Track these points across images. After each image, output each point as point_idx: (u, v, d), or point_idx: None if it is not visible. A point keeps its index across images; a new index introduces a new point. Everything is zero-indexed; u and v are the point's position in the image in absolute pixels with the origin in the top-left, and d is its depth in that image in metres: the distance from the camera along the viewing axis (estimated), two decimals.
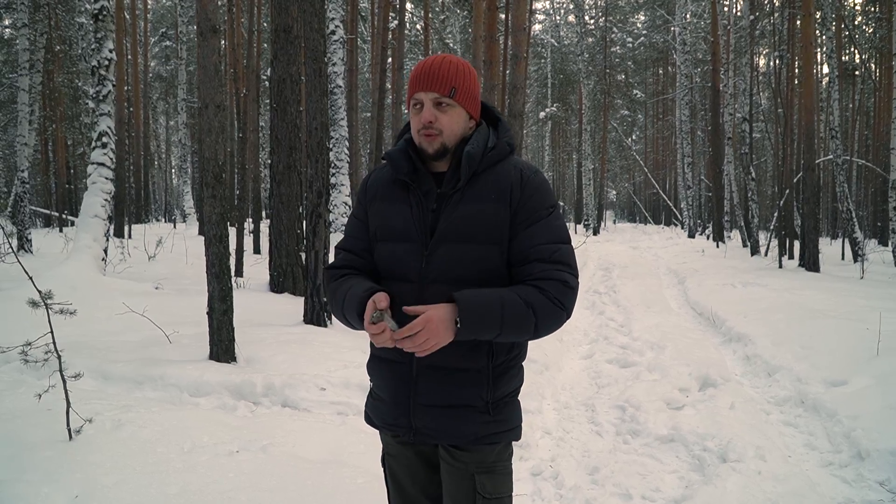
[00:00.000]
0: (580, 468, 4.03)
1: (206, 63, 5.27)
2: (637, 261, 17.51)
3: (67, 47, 24.69)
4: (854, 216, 15.83)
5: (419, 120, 1.82)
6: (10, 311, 6.00)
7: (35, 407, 3.70)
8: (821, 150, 23.05)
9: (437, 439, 1.87)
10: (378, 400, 1.97)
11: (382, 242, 1.89)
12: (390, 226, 1.87)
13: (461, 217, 1.80)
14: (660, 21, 38.50)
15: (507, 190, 1.82)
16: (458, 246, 1.80)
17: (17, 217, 14.39)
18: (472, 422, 1.84)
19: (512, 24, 10.87)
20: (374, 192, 1.94)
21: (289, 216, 9.06)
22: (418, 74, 1.82)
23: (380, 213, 1.91)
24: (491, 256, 1.80)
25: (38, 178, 28.91)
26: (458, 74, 1.82)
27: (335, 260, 2.01)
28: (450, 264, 1.80)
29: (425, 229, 1.83)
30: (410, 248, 1.83)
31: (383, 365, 1.92)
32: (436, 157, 1.83)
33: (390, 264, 1.87)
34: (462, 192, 1.82)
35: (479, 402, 1.84)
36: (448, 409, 1.84)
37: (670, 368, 5.97)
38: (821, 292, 9.70)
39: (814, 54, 15.75)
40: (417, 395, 1.85)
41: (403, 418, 1.88)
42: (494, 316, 1.69)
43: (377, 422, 1.99)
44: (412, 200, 1.86)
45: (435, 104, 1.81)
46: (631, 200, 56.34)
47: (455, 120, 1.83)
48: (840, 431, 4.42)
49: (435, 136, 1.81)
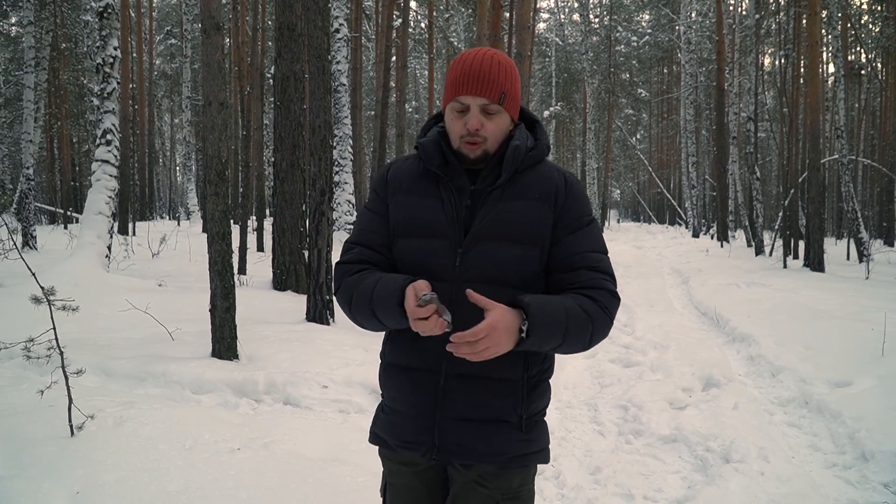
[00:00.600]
0: (582, 468, 4.02)
1: (209, 60, 5.27)
2: (641, 260, 17.48)
3: (73, 45, 24.74)
4: (859, 216, 15.79)
5: (462, 125, 1.67)
6: (13, 308, 6.00)
7: (37, 403, 3.70)
8: (826, 149, 23.00)
9: (464, 458, 1.70)
10: (395, 415, 1.78)
11: (407, 238, 1.74)
12: (418, 220, 1.72)
13: (502, 214, 1.68)
14: (665, 20, 38.44)
15: (551, 192, 1.72)
16: (496, 244, 1.67)
17: (22, 214, 14.42)
18: (505, 439, 1.70)
19: (516, 23, 10.85)
20: (398, 185, 1.79)
21: (292, 214, 9.07)
22: (465, 74, 1.65)
23: (405, 206, 1.75)
24: (530, 258, 1.69)
25: (43, 175, 29.04)
26: (507, 77, 1.67)
27: (348, 255, 1.81)
28: (488, 263, 1.67)
29: (458, 226, 1.69)
30: (442, 245, 1.69)
31: (404, 374, 1.75)
32: (476, 163, 1.70)
33: (417, 261, 1.71)
34: (502, 189, 1.71)
35: (514, 417, 1.70)
36: (480, 424, 1.69)
37: (673, 368, 5.95)
38: (825, 292, 9.67)
39: (819, 53, 15.70)
40: (445, 407, 1.69)
41: (426, 434, 1.71)
42: (560, 325, 1.57)
43: (392, 441, 1.79)
44: (443, 194, 1.72)
45: (482, 111, 1.66)
46: (635, 200, 56.28)
47: (501, 127, 1.70)
48: (844, 432, 4.40)
49: (479, 143, 1.68)
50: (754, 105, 19.80)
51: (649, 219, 47.87)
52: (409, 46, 25.49)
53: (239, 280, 9.17)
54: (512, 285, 1.66)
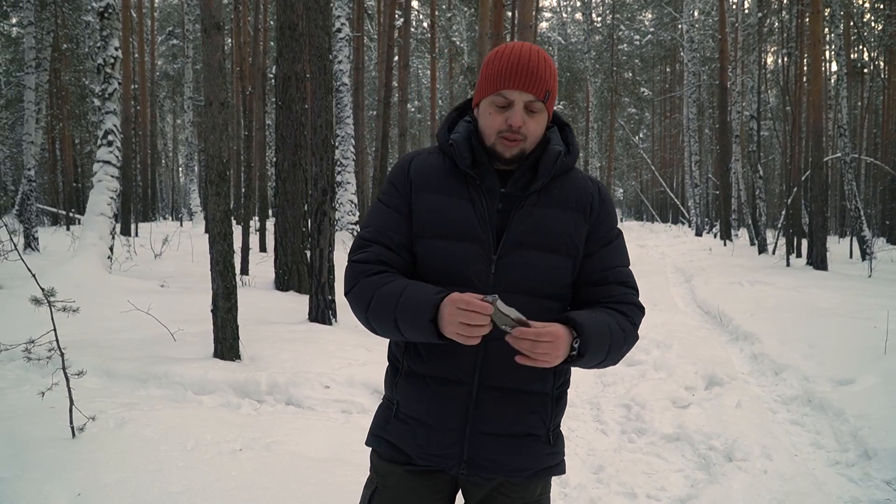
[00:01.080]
0: (585, 467, 4.00)
1: (210, 60, 5.27)
2: (644, 259, 17.45)
3: (74, 45, 24.76)
4: (862, 214, 15.75)
5: (503, 121, 1.59)
6: (15, 309, 6.01)
7: (39, 404, 3.69)
8: (829, 147, 22.94)
9: (495, 473, 1.65)
10: (418, 426, 1.66)
11: (434, 240, 1.63)
12: (449, 221, 1.62)
13: (539, 221, 1.62)
14: (667, 18, 38.36)
15: (587, 202, 1.68)
16: (532, 253, 1.61)
17: (24, 215, 14.43)
18: (535, 453, 1.66)
19: (518, 22, 10.83)
20: (423, 181, 1.66)
21: (294, 214, 9.07)
22: (512, 68, 1.57)
23: (433, 205, 1.64)
24: (564, 269, 1.64)
25: (45, 176, 29.06)
26: (552, 75, 1.60)
27: (362, 252, 1.66)
28: (525, 272, 1.60)
29: (491, 230, 1.61)
30: (475, 250, 1.60)
31: (431, 385, 1.64)
32: (511, 162, 1.62)
33: (447, 266, 1.61)
34: (538, 195, 1.64)
35: (542, 430, 1.67)
36: (512, 439, 1.64)
37: (676, 367, 5.93)
38: (828, 291, 9.65)
39: (822, 51, 15.66)
40: (477, 421, 1.62)
41: (455, 448, 1.63)
42: (605, 344, 1.55)
43: (414, 453, 1.67)
44: (474, 196, 1.63)
45: (525, 107, 1.59)
46: (638, 198, 56.20)
47: (541, 126, 1.63)
48: (847, 430, 4.39)
49: (518, 141, 1.60)
50: (757, 103, 19.76)
51: (652, 218, 47.81)
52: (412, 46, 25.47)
53: (241, 280, 9.18)
54: (547, 296, 1.62)
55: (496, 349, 1.57)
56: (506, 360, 1.53)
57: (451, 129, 1.72)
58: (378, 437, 1.75)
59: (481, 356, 1.60)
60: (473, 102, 1.72)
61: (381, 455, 1.76)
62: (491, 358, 1.60)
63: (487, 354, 1.60)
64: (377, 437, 1.75)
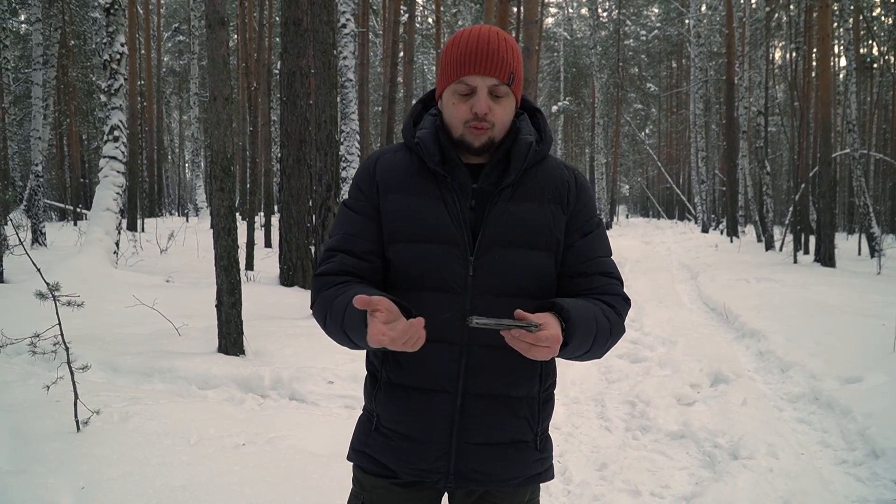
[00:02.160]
0: (588, 464, 3.99)
1: (214, 55, 5.27)
2: (649, 255, 17.41)
3: (81, 42, 24.83)
4: (871, 211, 15.65)
5: (467, 109, 1.50)
6: (22, 304, 6.01)
7: (43, 398, 3.71)
8: (837, 143, 22.84)
9: (483, 484, 1.58)
10: (402, 440, 1.58)
11: (406, 244, 1.54)
12: (421, 223, 1.53)
13: (515, 217, 1.54)
14: (674, 13, 38.24)
15: (563, 191, 1.60)
16: (511, 251, 1.53)
17: (32, 211, 14.49)
18: (524, 460, 1.60)
19: (524, 17, 10.80)
20: (390, 183, 1.58)
21: (298, 210, 9.07)
22: (471, 52, 1.48)
23: (403, 207, 1.55)
24: (546, 265, 1.57)
25: (52, 172, 29.16)
26: (515, 57, 1.51)
27: (327, 264, 1.57)
28: (504, 273, 1.53)
29: (466, 230, 1.53)
30: (451, 252, 1.52)
31: (413, 396, 1.56)
32: (480, 152, 1.54)
33: (422, 270, 1.53)
34: (512, 189, 1.56)
35: (530, 436, 1.61)
36: (501, 447, 1.57)
37: (682, 364, 5.91)
38: (836, 288, 9.60)
39: (831, 46, 15.57)
40: (464, 431, 1.54)
41: (442, 461, 1.55)
42: (591, 333, 1.47)
43: (400, 469, 1.58)
44: (445, 195, 1.54)
45: (489, 92, 1.50)
46: (644, 195, 56.06)
47: (508, 111, 1.54)
48: (854, 429, 4.36)
49: (486, 129, 1.51)
50: (765, 99, 19.67)
51: (658, 214, 47.69)
52: (417, 42, 25.46)
53: (246, 276, 9.18)
54: (530, 295, 1.54)
55: (480, 354, 1.52)
56: (491, 366, 1.49)
57: (417, 123, 1.63)
58: (359, 451, 1.65)
59: (465, 363, 1.53)
60: (437, 94, 1.62)
61: (365, 470, 1.65)
62: (475, 364, 1.52)
63: (471, 360, 1.53)
64: (359, 452, 1.65)
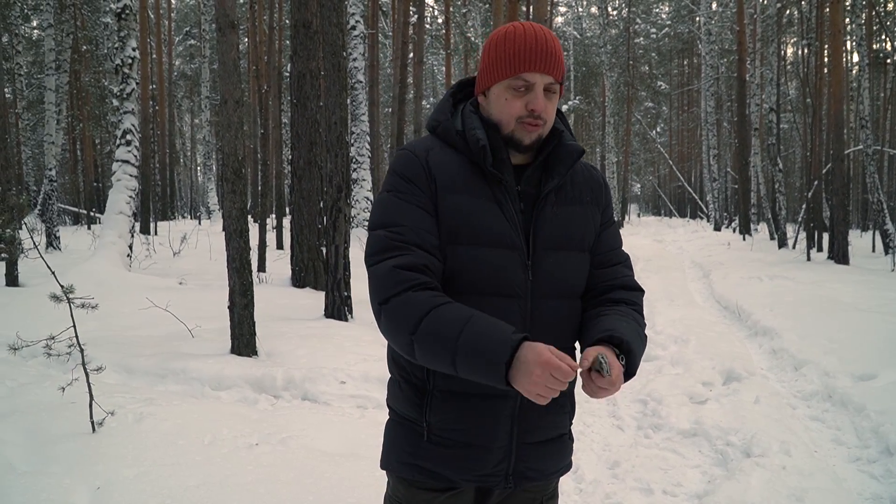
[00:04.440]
0: (600, 462, 3.99)
1: (224, 59, 5.30)
2: (661, 254, 17.34)
3: (94, 47, 25.02)
4: (885, 207, 15.52)
5: (522, 105, 1.50)
6: (37, 307, 6.09)
7: (59, 400, 3.74)
8: (850, 140, 22.66)
9: (538, 480, 1.63)
10: (462, 448, 1.54)
11: (467, 247, 1.50)
12: (480, 227, 1.50)
13: (563, 221, 1.58)
14: (684, 11, 38.05)
15: (598, 192, 1.67)
16: (564, 255, 1.57)
17: (46, 215, 14.63)
18: (566, 452, 1.69)
19: (533, 17, 10.80)
20: (448, 181, 1.52)
21: (309, 211, 9.11)
22: (530, 49, 1.48)
23: (462, 208, 1.50)
24: (587, 265, 1.64)
25: (66, 176, 29.41)
26: (562, 56, 1.55)
27: (402, 257, 1.46)
28: (561, 276, 1.56)
29: (521, 234, 1.54)
30: (510, 257, 1.51)
31: (474, 403, 1.52)
32: (528, 149, 1.55)
33: (482, 275, 1.50)
34: (555, 192, 1.59)
35: (567, 428, 1.68)
36: (552, 443, 1.63)
37: (694, 362, 5.89)
38: (850, 285, 9.53)
39: (843, 42, 15.46)
40: (523, 432, 1.56)
41: (503, 464, 1.56)
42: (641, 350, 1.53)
43: (460, 476, 1.56)
44: (499, 197, 1.53)
45: (544, 90, 1.51)
46: (655, 193, 55.82)
47: (554, 108, 1.57)
48: (868, 426, 4.33)
49: (539, 126, 1.52)
50: (776, 96, 19.55)
51: (670, 212, 47.48)
52: (426, 42, 25.48)
53: (258, 277, 9.23)
54: (576, 296, 1.62)
55: None
56: None
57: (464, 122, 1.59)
58: (410, 464, 1.57)
59: None
60: (479, 88, 1.60)
61: (413, 483, 1.59)
62: None
63: None
64: (409, 465, 1.58)
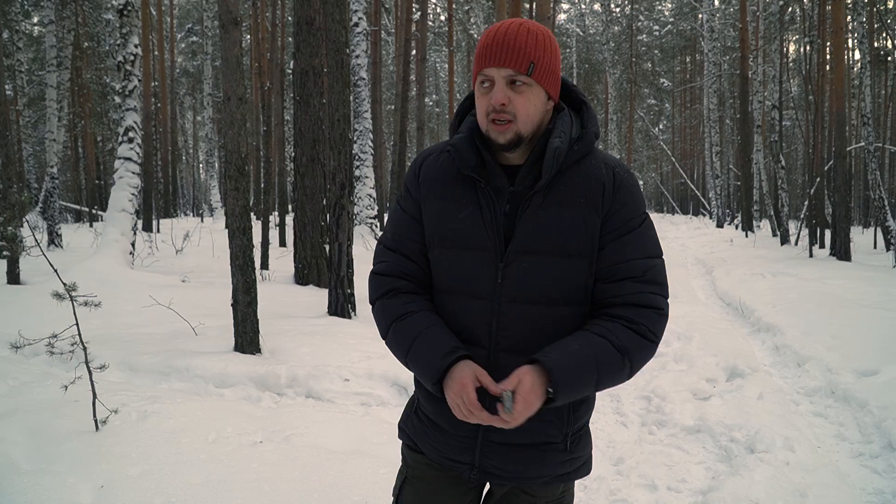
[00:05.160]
0: (605, 459, 3.99)
1: (227, 55, 5.30)
2: (664, 251, 17.31)
3: (95, 44, 25.01)
4: (887, 204, 15.49)
5: (488, 102, 1.48)
6: (39, 305, 6.09)
7: (62, 398, 3.75)
8: (852, 137, 22.62)
9: (508, 481, 1.61)
10: (435, 429, 1.64)
11: (443, 250, 1.58)
12: (455, 231, 1.55)
13: (544, 223, 1.50)
14: (687, 8, 37.99)
15: (598, 192, 1.52)
16: (541, 258, 1.50)
17: (48, 212, 14.63)
18: (550, 462, 1.59)
19: (536, 14, 10.78)
20: (431, 187, 1.60)
21: (313, 208, 9.11)
22: (488, 45, 1.48)
23: (441, 214, 1.58)
24: (578, 271, 1.52)
25: (68, 173, 29.43)
26: (537, 45, 1.47)
27: (383, 263, 1.65)
28: (532, 280, 1.51)
29: (499, 236, 1.52)
30: (482, 259, 1.53)
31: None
32: (508, 148, 1.50)
33: (456, 276, 1.56)
34: (544, 193, 1.52)
35: (559, 437, 1.58)
36: (525, 448, 1.57)
37: (697, 359, 5.88)
38: (852, 281, 9.53)
39: (845, 40, 15.42)
40: (489, 430, 1.55)
41: (467, 454, 1.60)
42: (589, 377, 1.44)
43: (430, 454, 1.66)
44: (482, 200, 1.54)
45: (508, 83, 1.47)
46: (658, 191, 55.76)
47: (532, 102, 1.49)
48: (871, 422, 4.34)
49: (508, 123, 1.48)
50: (779, 93, 19.51)
51: (673, 210, 47.43)
52: (429, 40, 25.47)
53: (261, 275, 9.24)
54: (557, 303, 1.52)
55: (504, 359, 1.53)
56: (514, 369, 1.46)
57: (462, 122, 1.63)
58: (401, 428, 1.77)
59: (492, 365, 1.53)
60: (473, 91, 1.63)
61: (407, 445, 1.76)
62: (500, 366, 1.51)
63: (497, 363, 1.53)
64: (401, 429, 1.77)
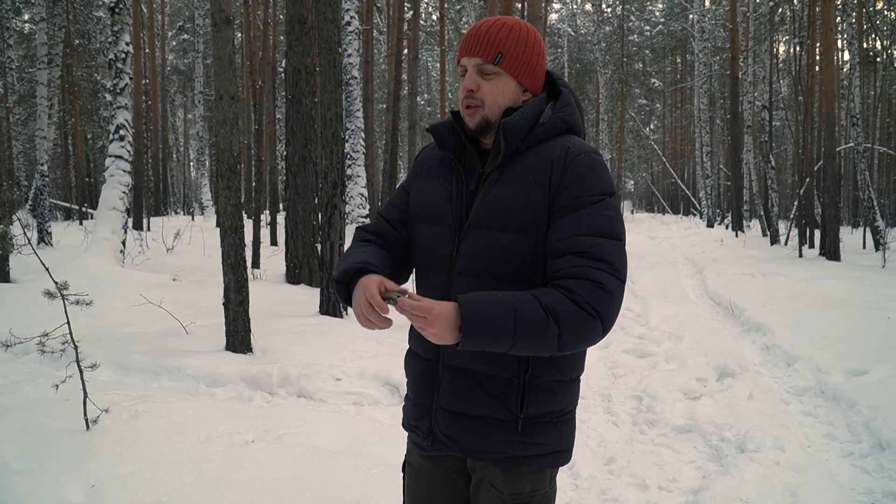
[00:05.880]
0: (596, 458, 4.01)
1: (220, 54, 5.28)
2: (655, 251, 17.39)
3: (86, 41, 24.89)
4: (875, 204, 15.62)
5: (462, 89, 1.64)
6: (29, 303, 6.06)
7: (53, 397, 3.73)
8: (842, 137, 22.76)
9: (456, 451, 1.66)
10: (406, 399, 1.81)
11: (419, 224, 1.73)
12: (427, 207, 1.71)
13: (493, 200, 1.58)
14: (678, 8, 38.11)
15: (546, 170, 1.55)
16: (488, 234, 1.57)
17: (38, 210, 14.54)
18: (495, 438, 1.61)
19: (527, 13, 10.79)
20: (422, 168, 1.78)
21: (304, 208, 9.09)
22: (465, 37, 1.63)
23: (421, 190, 1.74)
24: (523, 248, 1.54)
25: (58, 171, 29.24)
26: (508, 38, 1.58)
27: (369, 224, 1.84)
28: (480, 255, 1.58)
29: (461, 213, 1.64)
30: (444, 234, 1.65)
31: (414, 360, 1.77)
32: (477, 132, 1.62)
33: (425, 250, 1.71)
34: (500, 172, 1.59)
35: (508, 416, 1.59)
36: (469, 419, 1.62)
37: (688, 358, 5.91)
38: (841, 281, 9.59)
39: (834, 41, 15.50)
40: (440, 397, 1.66)
41: (425, 420, 1.70)
42: (505, 327, 1.39)
43: (405, 421, 1.81)
44: (454, 179, 1.67)
45: (478, 72, 1.60)
46: (649, 190, 55.97)
47: (500, 90, 1.60)
48: (860, 421, 4.37)
49: (476, 107, 1.60)
50: (769, 93, 19.60)
51: (663, 209, 47.60)
52: (421, 39, 25.43)
53: (252, 274, 9.21)
54: (508, 279, 1.54)
55: None
56: None
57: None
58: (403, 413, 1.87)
59: None
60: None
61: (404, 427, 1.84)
62: None
63: None
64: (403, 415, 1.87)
